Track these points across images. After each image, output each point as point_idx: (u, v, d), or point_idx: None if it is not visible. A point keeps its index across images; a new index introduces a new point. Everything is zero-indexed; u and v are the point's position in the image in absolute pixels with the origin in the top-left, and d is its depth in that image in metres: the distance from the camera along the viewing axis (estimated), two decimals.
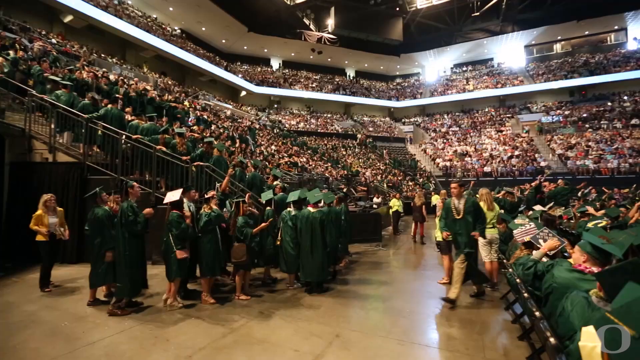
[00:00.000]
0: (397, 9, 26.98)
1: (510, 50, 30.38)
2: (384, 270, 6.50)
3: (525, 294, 2.98)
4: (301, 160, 13.70)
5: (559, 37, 29.02)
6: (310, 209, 5.23)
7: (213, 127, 12.29)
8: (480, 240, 5.29)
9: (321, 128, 27.08)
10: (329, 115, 30.48)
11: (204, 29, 26.02)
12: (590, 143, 20.17)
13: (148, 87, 12.00)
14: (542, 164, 19.45)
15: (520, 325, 3.73)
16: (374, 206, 11.01)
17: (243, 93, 28.05)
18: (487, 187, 5.99)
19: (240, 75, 27.10)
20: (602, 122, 22.19)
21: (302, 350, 3.23)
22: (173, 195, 4.31)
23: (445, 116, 29.91)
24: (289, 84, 29.69)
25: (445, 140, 25.73)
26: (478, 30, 27.80)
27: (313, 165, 13.87)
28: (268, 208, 5.48)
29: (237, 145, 10.36)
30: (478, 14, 25.32)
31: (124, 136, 6.44)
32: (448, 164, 21.94)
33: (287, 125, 24.96)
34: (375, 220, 8.96)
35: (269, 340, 3.45)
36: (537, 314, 2.50)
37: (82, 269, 5.69)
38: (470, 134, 25.68)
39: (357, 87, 32.99)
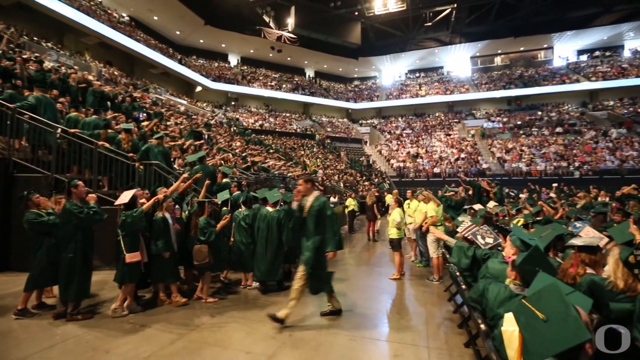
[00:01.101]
0: (356, 13, 27.67)
1: (458, 59, 32.65)
2: (339, 268, 6.64)
3: (464, 286, 3.26)
4: (260, 159, 13.51)
5: (499, 51, 31.82)
6: (269, 208, 5.23)
7: (170, 122, 11.65)
8: (429, 237, 5.66)
9: (280, 127, 26.92)
10: (287, 115, 30.39)
11: (155, 18, 24.47)
12: (523, 148, 22.42)
13: (90, 77, 11.00)
14: (484, 165, 21.21)
15: (460, 315, 4.04)
16: (331, 205, 11.21)
17: (198, 88, 26.90)
18: (437, 187, 6.40)
19: (195, 70, 25.96)
20: (533, 129, 24.79)
21: (254, 352, 3.20)
22: (125, 197, 4.04)
23: (400, 119, 31.33)
24: (248, 81, 29.09)
25: (399, 142, 26.97)
26: (430, 39, 29.49)
27: (272, 165, 13.74)
28: (224, 208, 5.37)
29: (200, 141, 9.87)
30: (430, 24, 26.86)
31: (59, 129, 5.85)
32: (402, 164, 23.01)
33: (244, 124, 24.43)
34: None
35: (220, 344, 3.36)
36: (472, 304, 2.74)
37: (6, 279, 5.09)
38: (422, 137, 27.20)
39: (316, 87, 33.30)
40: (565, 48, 29.99)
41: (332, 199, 11.88)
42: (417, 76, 34.66)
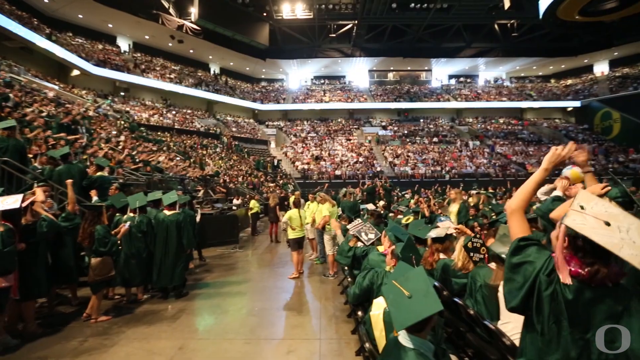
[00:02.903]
0: (265, 14, 27.54)
1: (359, 71, 35.66)
2: (239, 271, 6.53)
3: (349, 278, 3.61)
4: (155, 158, 12.15)
5: (392, 68, 36.03)
6: (166, 211, 4.92)
7: (31, 109, 9.42)
8: (325, 236, 6.05)
9: (180, 124, 24.76)
10: (189, 111, 28.16)
11: None
12: (409, 154, 25.91)
13: None
14: (379, 169, 23.70)
15: (350, 306, 4.46)
16: (234, 208, 10.89)
17: (75, 72, 22.59)
18: (338, 188, 6.87)
19: (71, 50, 21.71)
20: (416, 138, 28.90)
21: None
22: (6, 203, 3.14)
23: (305, 122, 32.45)
24: (142, 70, 25.83)
25: (304, 145, 27.91)
26: (334, 49, 31.42)
27: (170, 165, 12.52)
28: (119, 215, 4.74)
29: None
30: (334, 35, 28.63)
31: None
32: (306, 167, 23.88)
33: (136, 118, 21.63)
34: (233, 222, 8.88)
35: None
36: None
37: None
38: (325, 141, 28.76)
39: (222, 84, 31.82)
40: (441, 72, 35.89)
41: (235, 201, 11.55)
42: (322, 83, 36.48)
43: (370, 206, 7.76)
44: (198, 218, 6.74)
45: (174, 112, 26.54)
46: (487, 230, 4.07)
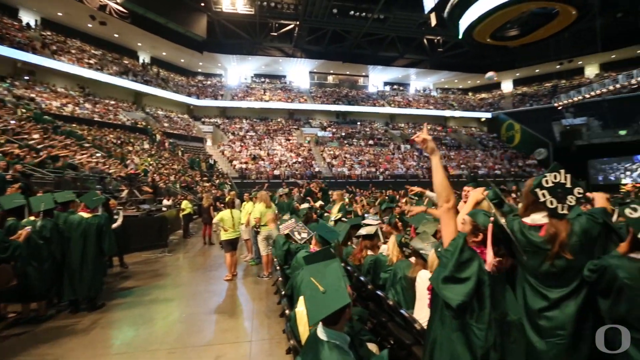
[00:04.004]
0: (202, 4, 26.09)
1: (299, 72, 35.87)
2: (167, 276, 6.13)
3: (280, 278, 3.65)
4: (67, 153, 10.66)
5: (332, 71, 37.01)
6: (84, 214, 4.43)
7: None
8: (259, 237, 5.99)
9: (101, 116, 22.09)
10: (112, 102, 25.28)
11: None
12: (346, 155, 26.92)
13: None
14: (317, 169, 24.16)
15: (282, 305, 4.50)
16: (164, 209, 10.16)
17: None
18: (277, 188, 6.85)
19: None
20: (353, 140, 30.18)
21: None
22: None
23: (244, 121, 31.56)
24: (52, 52, 22.41)
25: (242, 144, 27.13)
26: (275, 48, 31.12)
27: (88, 162, 11.10)
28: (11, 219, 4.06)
29: None
30: (276, 34, 28.38)
31: None
32: (244, 166, 23.26)
33: (45, 106, 18.72)
34: (161, 225, 8.27)
35: None
36: (282, 292, 3.13)
37: None
38: (265, 140, 28.36)
39: (152, 75, 29.28)
40: (377, 78, 37.97)
41: (165, 202, 10.77)
42: (263, 81, 35.87)
43: (305, 205, 7.92)
44: (120, 221, 6.14)
45: (93, 102, 23.62)
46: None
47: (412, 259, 3.09)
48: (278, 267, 3.87)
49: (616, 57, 28.48)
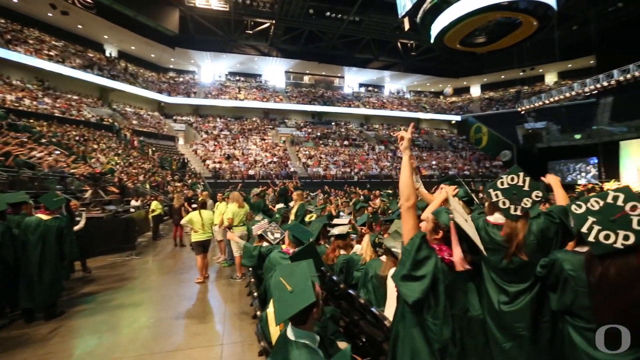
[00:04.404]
0: None
1: (275, 71, 35.57)
2: (134, 280, 5.88)
3: (252, 279, 3.62)
4: (21, 151, 9.89)
5: (308, 71, 37.01)
6: (42, 216, 4.17)
7: None
8: (233, 236, 5.88)
9: (62, 112, 20.76)
10: (75, 97, 23.84)
11: None
12: (322, 155, 27.03)
13: None
14: (292, 169, 24.08)
15: (255, 307, 4.45)
16: (131, 210, 9.74)
17: None
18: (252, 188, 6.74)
19: None
20: (329, 140, 30.36)
21: None
22: None
23: (218, 119, 30.86)
24: (6, 41, 20.79)
25: (216, 143, 26.51)
26: (251, 46, 30.66)
27: (48, 160, 10.38)
28: None
29: None
30: (251, 32, 27.98)
31: None
32: (217, 165, 22.75)
33: None
34: (128, 227, 7.92)
35: None
36: (255, 294, 3.10)
37: None
38: (239, 139, 27.88)
39: (120, 70, 27.92)
40: (352, 79, 38.39)
41: (133, 202, 10.33)
42: (237, 79, 35.24)
43: (280, 205, 7.89)
44: (82, 223, 5.83)
45: (54, 97, 22.18)
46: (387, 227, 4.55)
47: (383, 258, 3.16)
48: (250, 268, 3.82)
49: (572, 67, 30.61)
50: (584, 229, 1.53)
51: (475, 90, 38.02)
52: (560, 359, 1.68)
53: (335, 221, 4.50)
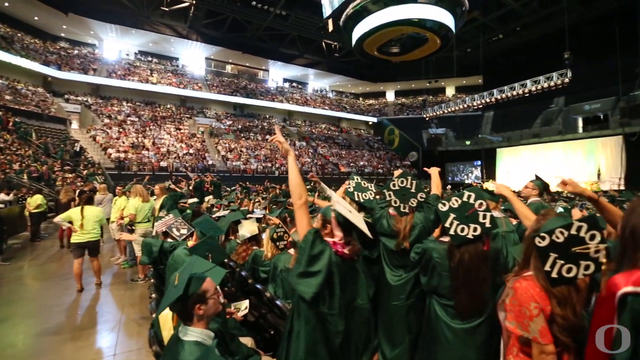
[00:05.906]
0: None
1: (195, 56, 33.01)
2: (14, 289, 4.87)
3: (152, 280, 3.35)
4: None
5: (230, 60, 35.30)
6: None
7: None
8: (135, 235, 5.33)
9: None
10: None
11: None
12: (242, 149, 26.24)
13: None
14: (210, 162, 22.81)
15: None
16: (0, 206, 8.01)
17: None
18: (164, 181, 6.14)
19: None
20: (250, 133, 29.64)
21: None
22: None
23: (125, 103, 27.26)
24: None
25: (121, 130, 23.42)
26: (167, 26, 27.72)
27: None
28: None
29: None
30: (167, 10, 25.32)
31: None
32: (122, 155, 20.15)
33: None
34: None
35: None
36: (153, 296, 2.89)
37: None
38: (150, 127, 25.15)
39: None
40: (277, 73, 38.01)
41: (2, 196, 8.50)
42: (150, 60, 31.62)
43: (192, 200, 7.43)
44: None
45: None
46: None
47: (292, 251, 3.26)
48: (152, 267, 3.53)
49: (466, 83, 35.83)
50: (447, 224, 1.85)
51: (390, 95, 41.50)
52: (427, 325, 2.05)
53: (251, 215, 4.44)
